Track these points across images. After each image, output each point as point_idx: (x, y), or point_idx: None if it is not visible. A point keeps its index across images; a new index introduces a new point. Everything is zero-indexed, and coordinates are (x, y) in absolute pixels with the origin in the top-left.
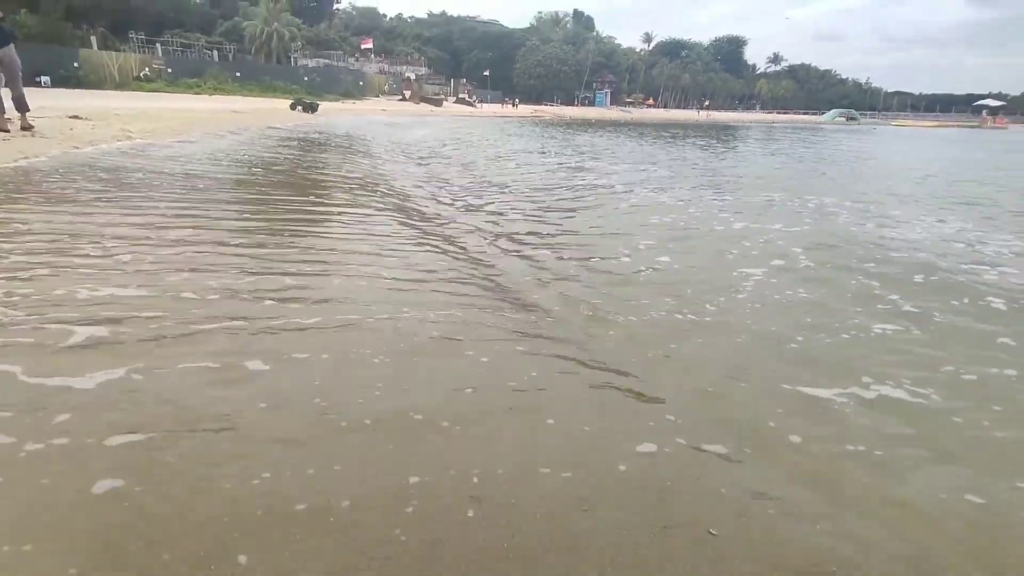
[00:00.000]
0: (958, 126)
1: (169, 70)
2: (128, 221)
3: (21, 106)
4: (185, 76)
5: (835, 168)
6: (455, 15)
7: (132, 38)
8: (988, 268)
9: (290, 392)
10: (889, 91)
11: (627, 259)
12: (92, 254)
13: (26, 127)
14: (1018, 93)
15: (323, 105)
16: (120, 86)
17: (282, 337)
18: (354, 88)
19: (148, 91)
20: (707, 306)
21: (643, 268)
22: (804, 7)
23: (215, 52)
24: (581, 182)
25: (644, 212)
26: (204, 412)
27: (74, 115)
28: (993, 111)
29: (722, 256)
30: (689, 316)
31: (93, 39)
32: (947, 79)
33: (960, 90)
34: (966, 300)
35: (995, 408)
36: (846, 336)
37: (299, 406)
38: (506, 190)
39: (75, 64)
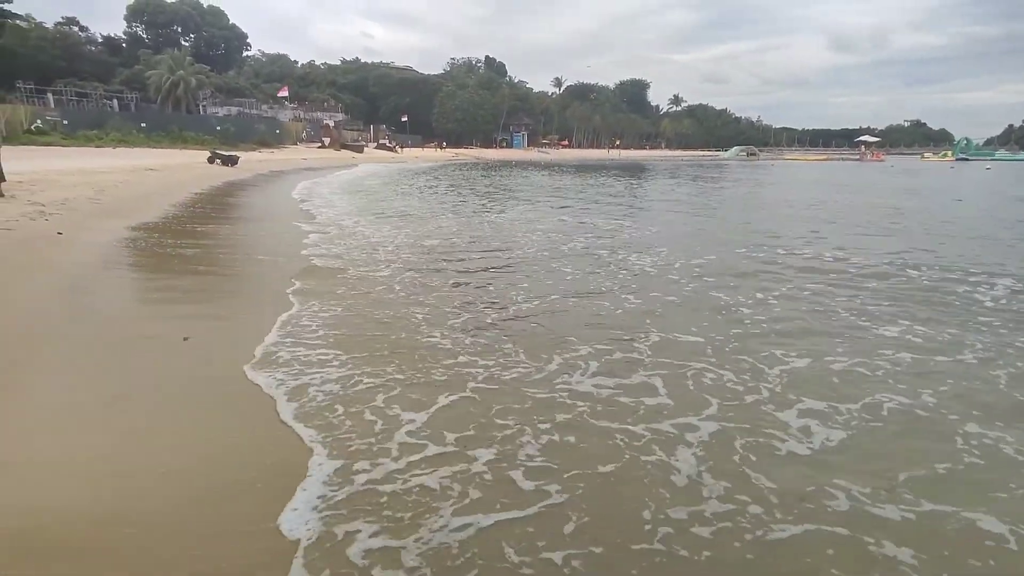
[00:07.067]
0: (843, 159)
1: (65, 121)
2: None
3: None
4: (84, 127)
5: None
6: (368, 62)
7: (20, 87)
8: None
9: None
10: (777, 127)
11: None
12: None
13: None
14: (881, 127)
15: (242, 156)
16: (8, 140)
17: None
18: (270, 136)
19: (43, 144)
20: None
21: None
22: (688, 53)
23: (115, 101)
24: None
25: None
26: None
27: None
28: (870, 146)
29: None
30: None
31: None
32: (816, 115)
33: (830, 125)
34: None
35: None
36: None
37: None
38: None
39: None
